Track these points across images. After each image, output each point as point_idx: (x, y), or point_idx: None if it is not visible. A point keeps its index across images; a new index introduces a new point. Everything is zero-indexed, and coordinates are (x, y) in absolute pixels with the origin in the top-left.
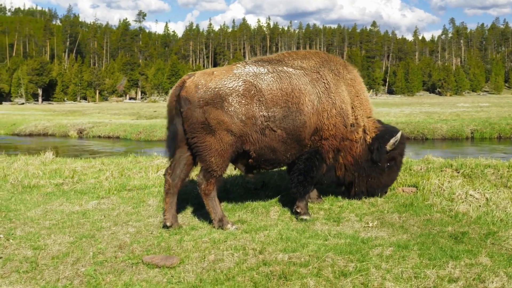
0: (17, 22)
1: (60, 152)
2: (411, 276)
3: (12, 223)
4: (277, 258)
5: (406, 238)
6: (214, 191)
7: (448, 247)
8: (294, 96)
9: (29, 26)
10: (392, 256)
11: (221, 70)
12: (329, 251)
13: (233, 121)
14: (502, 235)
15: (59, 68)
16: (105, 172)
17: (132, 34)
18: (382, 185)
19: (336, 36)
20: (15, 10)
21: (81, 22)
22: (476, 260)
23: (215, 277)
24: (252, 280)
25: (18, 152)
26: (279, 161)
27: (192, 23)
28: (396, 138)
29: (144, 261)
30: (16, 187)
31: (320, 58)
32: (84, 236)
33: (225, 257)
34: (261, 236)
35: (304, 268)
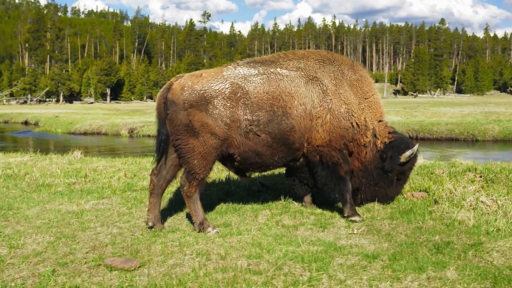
0: (89, 24)
1: (104, 151)
2: None
3: (7, 221)
4: (236, 264)
5: (385, 247)
6: (197, 194)
7: (423, 257)
8: (281, 99)
9: (100, 27)
10: (354, 266)
11: (210, 72)
12: (292, 259)
13: (217, 124)
14: (488, 246)
15: (127, 68)
16: (121, 172)
17: (197, 34)
18: (388, 197)
19: (403, 34)
20: (88, 12)
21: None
22: (441, 274)
23: (167, 282)
24: (200, 287)
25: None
26: (266, 164)
27: (257, 22)
28: (413, 151)
29: (105, 264)
30: (30, 185)
31: (321, 58)
32: (65, 236)
33: (185, 262)
34: (233, 240)
35: (257, 276)
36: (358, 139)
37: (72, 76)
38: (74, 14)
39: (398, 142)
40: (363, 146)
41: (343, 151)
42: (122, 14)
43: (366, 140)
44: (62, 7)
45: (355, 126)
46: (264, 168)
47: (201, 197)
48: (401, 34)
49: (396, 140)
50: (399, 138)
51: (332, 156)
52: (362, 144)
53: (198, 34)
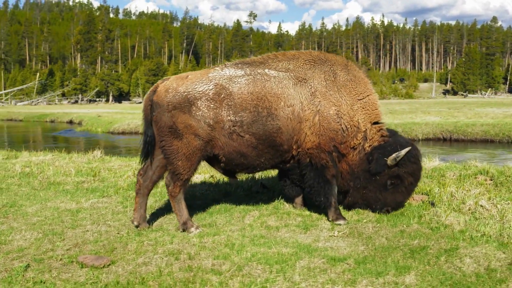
0: (138, 25)
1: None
2: None
3: (6, 218)
4: (201, 264)
5: (361, 250)
6: (181, 194)
7: (392, 262)
8: (266, 100)
9: (150, 29)
10: (315, 269)
11: (196, 74)
12: (258, 260)
13: (200, 126)
14: (463, 252)
15: (174, 69)
16: (130, 171)
17: (243, 34)
18: (381, 203)
19: (453, 33)
20: (139, 13)
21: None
22: (400, 279)
23: (130, 280)
24: (160, 285)
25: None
26: (253, 165)
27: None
28: (399, 154)
29: (78, 260)
30: (41, 183)
31: (311, 58)
32: (54, 233)
33: (153, 261)
34: (208, 241)
35: (216, 276)
36: (349, 141)
37: (121, 76)
38: (126, 16)
39: (386, 144)
40: (352, 148)
41: (333, 154)
42: (172, 15)
43: (356, 143)
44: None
45: (346, 128)
46: (251, 169)
47: (198, 197)
48: (452, 33)
49: (386, 142)
50: (390, 141)
51: (321, 159)
52: (352, 146)
53: (244, 35)
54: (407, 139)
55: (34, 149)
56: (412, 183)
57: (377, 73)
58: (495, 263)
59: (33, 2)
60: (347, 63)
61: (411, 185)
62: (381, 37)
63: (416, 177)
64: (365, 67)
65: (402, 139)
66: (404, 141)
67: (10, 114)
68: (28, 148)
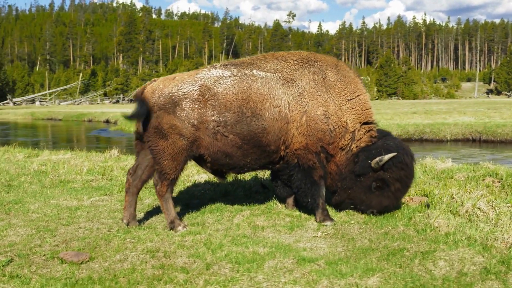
0: (179, 25)
1: None
2: None
3: (7, 214)
4: (174, 262)
5: (339, 251)
6: (168, 193)
7: (364, 263)
8: (250, 100)
9: (191, 29)
10: (282, 269)
11: (183, 75)
12: (230, 259)
13: (184, 126)
14: (439, 255)
15: None
16: None
17: (281, 34)
18: (365, 205)
19: (497, 31)
20: (181, 14)
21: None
22: (363, 281)
23: (102, 276)
24: (129, 282)
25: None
26: (239, 166)
27: (344, 21)
28: (382, 159)
29: (59, 256)
30: (52, 182)
31: (300, 59)
32: (47, 230)
33: (129, 258)
34: (189, 239)
35: (183, 274)
36: (337, 142)
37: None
38: (168, 17)
39: (372, 147)
40: (340, 149)
41: (320, 155)
42: (213, 15)
43: (344, 143)
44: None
45: (333, 128)
46: (238, 169)
47: (196, 196)
48: (496, 31)
49: (373, 145)
50: (377, 144)
51: (309, 160)
52: (340, 147)
53: (283, 34)
54: (398, 143)
55: (61, 147)
56: (399, 190)
57: (418, 72)
58: (469, 267)
59: (77, 4)
60: (337, 63)
61: (398, 191)
62: (423, 36)
63: (404, 184)
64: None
65: (392, 142)
66: (394, 145)
67: (51, 113)
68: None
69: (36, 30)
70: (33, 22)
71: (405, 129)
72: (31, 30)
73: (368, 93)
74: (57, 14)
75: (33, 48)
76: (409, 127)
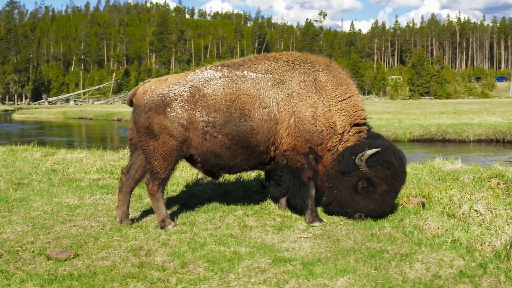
0: (211, 25)
1: None
2: None
3: (9, 211)
4: (153, 261)
5: (321, 252)
6: (159, 192)
7: (341, 265)
8: (239, 101)
9: (223, 29)
10: (255, 269)
11: (175, 76)
12: (207, 259)
13: (174, 126)
14: (417, 257)
15: None
16: None
17: (312, 34)
18: (352, 207)
19: None
20: (214, 14)
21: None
22: (332, 282)
23: (83, 272)
24: (105, 279)
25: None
26: (229, 166)
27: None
28: (365, 154)
29: (46, 253)
30: (61, 180)
31: (291, 60)
32: (42, 227)
33: (112, 256)
34: (173, 238)
35: (159, 272)
36: (325, 143)
37: None
38: (200, 16)
39: (356, 144)
40: (328, 150)
41: (309, 156)
42: (245, 15)
43: (332, 145)
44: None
45: (321, 130)
46: (228, 169)
47: (195, 195)
48: None
49: (357, 143)
50: (362, 142)
51: (297, 161)
52: (328, 148)
53: (314, 34)
54: (387, 144)
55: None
56: (386, 192)
57: (452, 71)
58: (446, 270)
59: (112, 5)
60: (329, 64)
61: (385, 194)
62: (457, 35)
63: (391, 185)
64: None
65: (380, 142)
66: (381, 144)
67: (82, 112)
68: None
69: (71, 30)
70: (68, 23)
71: (427, 129)
72: (66, 31)
73: (360, 95)
74: (92, 14)
75: (68, 48)
76: (431, 127)
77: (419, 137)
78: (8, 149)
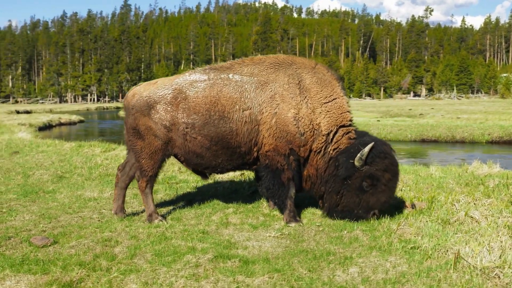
0: (316, 24)
1: None
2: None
3: (33, 202)
4: (112, 251)
5: (277, 251)
6: (148, 188)
7: (281, 265)
8: (219, 104)
9: (329, 27)
10: (190, 263)
11: (164, 80)
12: (158, 252)
13: (158, 127)
14: (359, 261)
15: (346, 66)
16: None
17: (418, 30)
18: (363, 207)
19: None
20: (321, 12)
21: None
22: (251, 280)
23: (50, 258)
24: (63, 264)
25: None
26: (212, 166)
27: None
28: (363, 152)
29: (29, 240)
30: (100, 175)
31: (276, 62)
32: (48, 217)
33: (80, 245)
34: (144, 232)
35: (107, 262)
36: (309, 144)
37: None
38: (308, 15)
39: (349, 147)
40: (315, 152)
41: (290, 157)
42: (352, 12)
43: (318, 146)
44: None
45: (304, 131)
46: (212, 169)
47: (202, 192)
48: None
49: (349, 145)
50: (353, 143)
51: (277, 161)
52: (314, 150)
53: (419, 30)
54: (374, 137)
55: None
56: (390, 179)
57: None
58: (379, 275)
59: (221, 5)
60: (314, 66)
61: (390, 181)
62: None
63: (393, 172)
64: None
65: (368, 138)
66: (370, 139)
67: None
68: None
69: (182, 31)
70: (180, 24)
71: (508, 130)
72: (177, 31)
73: (345, 96)
74: (202, 15)
75: (179, 48)
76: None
77: (498, 138)
78: (76, 145)
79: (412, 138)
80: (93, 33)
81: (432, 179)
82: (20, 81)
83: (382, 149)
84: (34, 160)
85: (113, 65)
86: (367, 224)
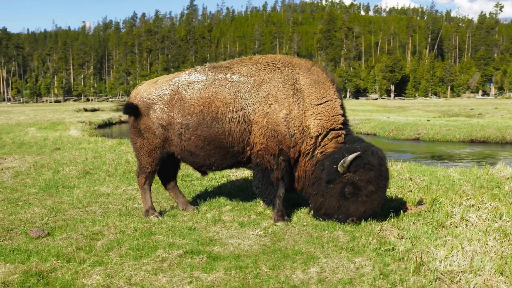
0: (382, 21)
1: None
2: (138, 276)
3: (50, 196)
4: (95, 244)
5: (254, 249)
6: (146, 184)
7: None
8: (213, 105)
9: (396, 25)
10: (160, 257)
11: (164, 79)
12: (136, 247)
13: (155, 127)
14: (322, 261)
15: (412, 65)
16: None
17: (487, 27)
18: (342, 213)
19: None
20: (389, 9)
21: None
22: (205, 276)
23: (39, 248)
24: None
25: None
26: (207, 164)
27: None
28: (345, 160)
29: (27, 232)
30: (124, 171)
31: (273, 62)
32: (56, 211)
33: (69, 238)
34: (131, 227)
35: (86, 254)
36: (298, 146)
37: (360, 73)
38: (376, 13)
39: (334, 152)
40: (304, 154)
41: (279, 157)
42: (422, 9)
43: (307, 148)
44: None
45: (294, 133)
46: (207, 167)
47: (207, 190)
48: None
49: (335, 150)
50: (340, 148)
51: (267, 161)
52: (303, 152)
53: (489, 27)
54: (366, 146)
55: None
56: (373, 192)
57: None
58: (338, 275)
59: (287, 4)
60: (310, 67)
61: (373, 194)
62: None
63: (376, 185)
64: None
65: (359, 145)
66: (360, 147)
67: None
68: None
69: (248, 30)
70: (246, 23)
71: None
72: (243, 31)
73: (339, 99)
74: (268, 14)
75: (244, 47)
76: None
77: None
78: (116, 142)
79: (460, 138)
80: (160, 33)
81: (448, 180)
82: (92, 80)
83: (368, 161)
84: (70, 157)
85: (179, 64)
86: (353, 225)
